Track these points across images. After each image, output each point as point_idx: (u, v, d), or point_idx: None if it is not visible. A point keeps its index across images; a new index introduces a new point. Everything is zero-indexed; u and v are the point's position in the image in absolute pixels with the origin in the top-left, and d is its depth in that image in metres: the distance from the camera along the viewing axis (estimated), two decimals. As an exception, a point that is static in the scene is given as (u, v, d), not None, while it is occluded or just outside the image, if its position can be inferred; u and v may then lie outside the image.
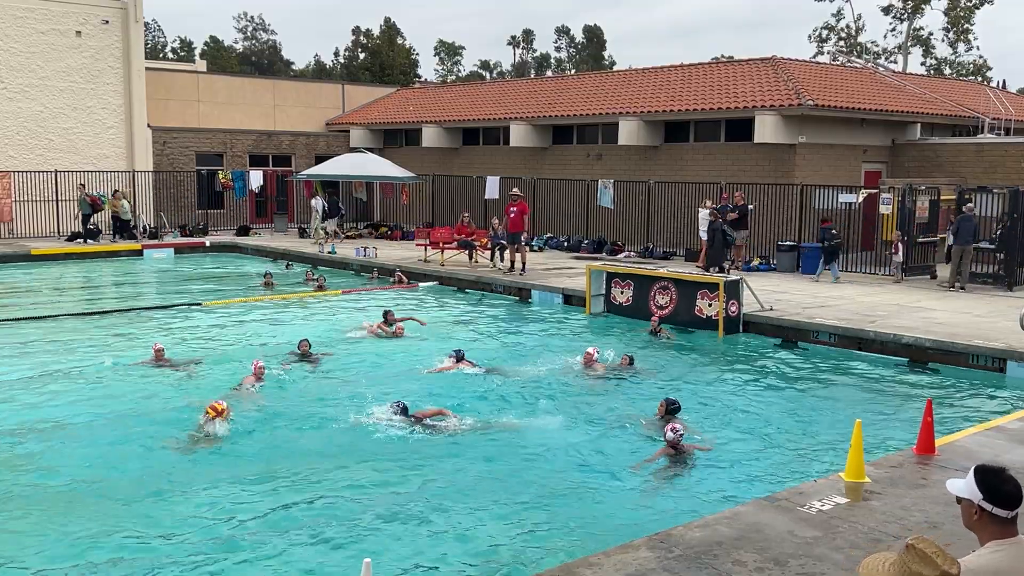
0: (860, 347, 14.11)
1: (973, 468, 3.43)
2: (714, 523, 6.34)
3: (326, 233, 27.29)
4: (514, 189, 22.77)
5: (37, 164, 28.41)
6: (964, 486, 3.40)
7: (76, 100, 29.37)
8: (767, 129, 23.33)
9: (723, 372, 13.08)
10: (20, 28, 28.28)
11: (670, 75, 29.54)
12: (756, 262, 22.10)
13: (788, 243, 22.07)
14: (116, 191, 28.76)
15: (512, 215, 21.21)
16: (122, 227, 27.93)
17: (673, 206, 24.95)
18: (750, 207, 22.31)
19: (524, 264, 21.13)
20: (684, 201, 24.61)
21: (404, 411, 9.95)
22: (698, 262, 22.19)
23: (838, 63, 39.26)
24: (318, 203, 27.77)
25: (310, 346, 13.26)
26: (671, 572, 5.49)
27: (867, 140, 25.25)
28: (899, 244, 19.70)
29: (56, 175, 28.21)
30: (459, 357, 12.58)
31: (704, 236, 22.31)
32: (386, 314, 15.39)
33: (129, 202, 28.65)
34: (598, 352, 12.91)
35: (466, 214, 23.57)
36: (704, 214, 22.24)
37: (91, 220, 27.30)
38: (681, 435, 8.97)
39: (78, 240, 27.12)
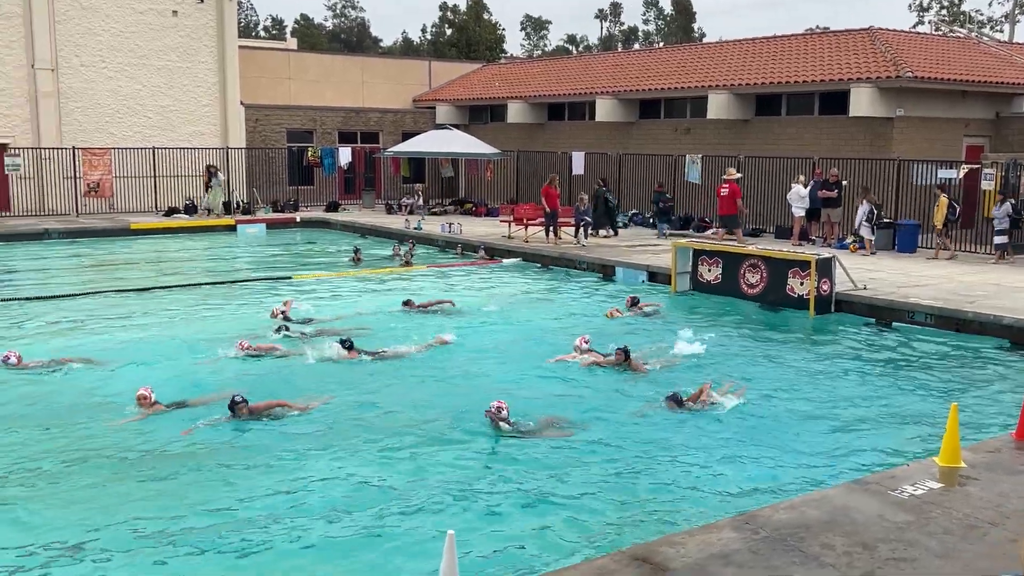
0: (958, 328, 13.60)
1: None
2: (801, 505, 6.20)
3: (224, 207, 29.00)
4: (729, 169, 21.84)
5: (136, 141, 29.35)
6: None
7: (172, 78, 30.21)
8: (863, 102, 22.59)
9: (814, 352, 12.78)
10: (119, 8, 29.18)
11: (762, 47, 28.82)
12: (850, 240, 21.47)
13: (884, 220, 21.37)
14: (210, 167, 29.55)
15: (723, 195, 20.70)
16: None
17: (764, 182, 24.39)
18: (844, 183, 21.67)
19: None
20: (775, 176, 24.03)
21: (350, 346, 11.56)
22: (792, 239, 21.69)
23: (939, 33, 37.70)
24: (219, 178, 28.66)
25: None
26: (756, 554, 5.38)
27: (969, 113, 24.23)
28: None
29: (154, 152, 29.11)
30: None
31: (798, 213, 21.79)
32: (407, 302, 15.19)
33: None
34: (586, 343, 12.01)
35: (555, 175, 23.31)
36: (797, 189, 21.72)
37: None
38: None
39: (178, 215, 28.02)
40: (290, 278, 18.77)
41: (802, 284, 15.36)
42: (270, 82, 34.19)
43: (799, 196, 21.67)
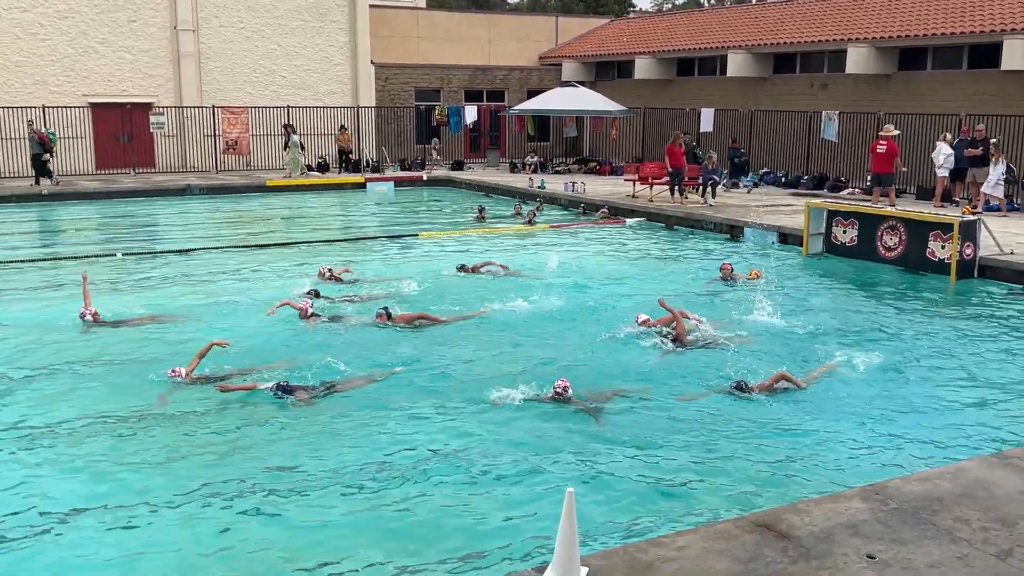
0: (1117, 297, 12.70)
1: None
2: (935, 477, 5.92)
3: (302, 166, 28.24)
4: (887, 125, 21.15)
5: (271, 100, 30.25)
6: None
7: (306, 39, 30.93)
8: (1017, 55, 21.15)
9: (953, 319, 12.16)
10: (257, -30, 30.03)
11: (906, -3, 27.29)
12: (996, 202, 20.26)
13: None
14: (342, 127, 30.22)
15: (880, 152, 20.04)
16: None
17: (905, 140, 23.22)
18: (992, 141, 20.41)
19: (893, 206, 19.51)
20: (918, 134, 22.84)
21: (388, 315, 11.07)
22: (934, 201, 20.64)
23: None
24: (295, 138, 27.98)
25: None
26: (885, 525, 5.18)
27: None
28: None
29: (288, 110, 29.95)
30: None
31: (942, 173, 20.71)
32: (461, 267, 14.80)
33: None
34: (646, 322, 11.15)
35: (679, 132, 22.78)
36: (942, 148, 20.61)
37: (46, 159, 24.87)
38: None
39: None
40: (416, 235, 19.09)
41: (943, 248, 14.61)
42: (399, 41, 34.59)
43: (944, 155, 20.56)
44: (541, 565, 4.69)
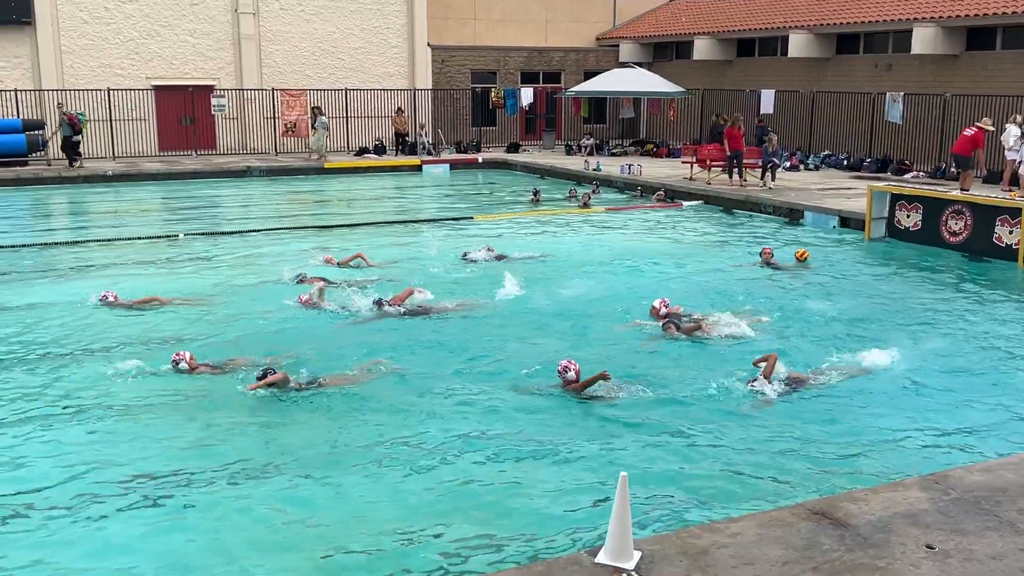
0: None
1: None
2: (998, 468, 5.79)
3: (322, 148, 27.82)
4: (985, 118, 20.46)
5: (329, 83, 30.48)
6: None
7: (364, 21, 31.08)
8: (1093, 33, 20.40)
9: (1019, 307, 11.83)
10: (316, -47, 30.22)
11: (976, -26, 26.46)
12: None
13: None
14: (399, 109, 30.34)
15: (965, 135, 19.56)
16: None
17: (973, 122, 22.56)
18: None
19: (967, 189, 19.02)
20: (986, 116, 22.18)
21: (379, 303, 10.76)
22: (1002, 185, 20.07)
23: None
24: (322, 120, 27.65)
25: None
26: (945, 515, 5.08)
27: None
28: None
29: (346, 93, 30.16)
30: None
31: (1011, 156, 20.11)
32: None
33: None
34: (665, 305, 10.78)
35: (738, 115, 22.41)
36: (1011, 130, 20.01)
37: (76, 141, 25.20)
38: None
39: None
40: (472, 218, 19.13)
41: (1011, 233, 14.22)
42: (456, 23, 34.56)
43: (1014, 137, 19.96)
44: (594, 547, 4.70)
